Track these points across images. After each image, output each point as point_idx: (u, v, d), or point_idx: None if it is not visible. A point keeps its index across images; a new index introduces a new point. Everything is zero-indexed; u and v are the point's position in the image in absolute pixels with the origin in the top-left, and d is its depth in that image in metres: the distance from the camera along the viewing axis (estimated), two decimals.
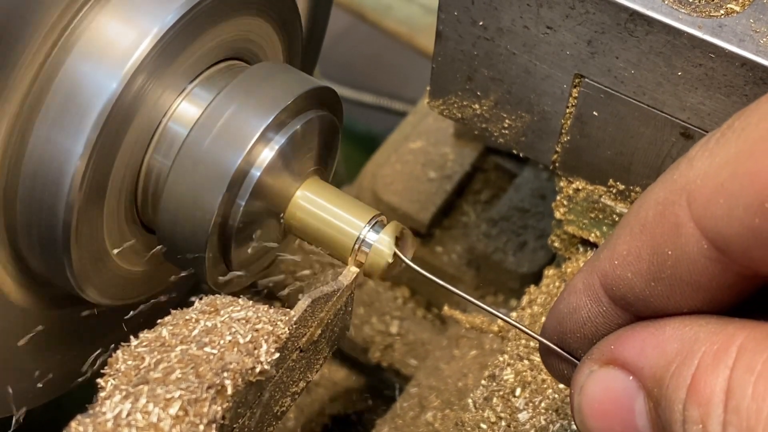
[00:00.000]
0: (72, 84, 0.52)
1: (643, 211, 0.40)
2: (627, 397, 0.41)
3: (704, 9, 0.52)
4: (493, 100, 0.61)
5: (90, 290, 0.58)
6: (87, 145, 0.51)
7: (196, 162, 0.54)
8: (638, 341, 0.40)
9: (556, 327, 0.45)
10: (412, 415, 0.72)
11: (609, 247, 0.41)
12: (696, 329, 0.38)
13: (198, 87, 0.57)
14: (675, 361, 0.38)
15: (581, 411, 0.43)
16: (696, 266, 0.38)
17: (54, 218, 0.53)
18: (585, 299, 0.43)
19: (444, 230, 0.86)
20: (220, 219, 0.55)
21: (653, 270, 0.39)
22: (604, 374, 0.42)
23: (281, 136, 0.55)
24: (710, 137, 0.38)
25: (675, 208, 0.38)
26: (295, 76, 0.59)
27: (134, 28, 0.53)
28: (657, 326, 0.40)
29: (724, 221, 0.36)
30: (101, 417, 0.43)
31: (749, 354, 0.36)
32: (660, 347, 0.39)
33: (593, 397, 0.42)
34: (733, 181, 0.36)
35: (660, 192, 0.39)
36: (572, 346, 0.45)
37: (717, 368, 0.36)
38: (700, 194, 0.37)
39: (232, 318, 0.48)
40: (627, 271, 0.40)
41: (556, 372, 0.47)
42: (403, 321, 0.85)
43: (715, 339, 0.37)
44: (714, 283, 0.38)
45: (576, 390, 0.43)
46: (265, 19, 0.61)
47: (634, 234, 0.40)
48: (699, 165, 0.38)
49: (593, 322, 0.43)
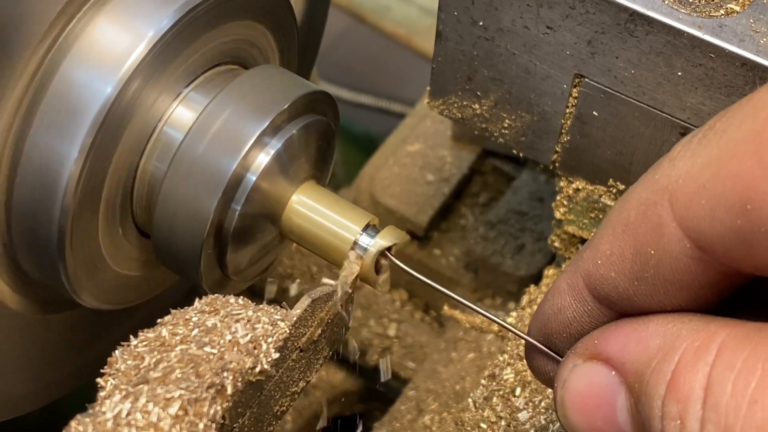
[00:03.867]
0: (67, 88, 0.52)
1: (625, 211, 0.40)
2: (609, 392, 0.41)
3: (704, 9, 0.52)
4: (493, 100, 0.61)
5: (85, 295, 0.58)
6: (82, 150, 0.51)
7: (191, 167, 0.54)
8: (621, 337, 0.40)
9: (541, 328, 0.46)
10: (410, 418, 0.72)
11: (592, 247, 0.41)
12: (678, 326, 0.38)
13: (193, 91, 0.56)
14: (656, 357, 0.38)
15: (564, 405, 0.43)
16: (679, 265, 0.38)
17: (49, 223, 0.53)
18: (569, 299, 0.43)
19: (442, 233, 0.87)
20: (216, 224, 0.55)
21: (636, 269, 0.39)
22: (588, 369, 0.42)
23: (277, 141, 0.55)
24: (692, 137, 0.38)
25: (657, 208, 0.38)
26: (291, 80, 0.59)
27: (130, 32, 0.52)
28: (640, 322, 0.40)
29: (707, 222, 0.36)
30: (101, 416, 0.43)
31: (730, 351, 0.36)
32: (642, 343, 0.39)
33: (576, 391, 0.42)
34: (716, 183, 0.36)
35: (642, 192, 0.39)
36: (558, 347, 0.45)
37: (697, 365, 0.36)
38: (682, 194, 0.37)
39: (232, 318, 0.48)
40: (610, 271, 0.40)
41: (542, 374, 0.47)
42: (401, 324, 0.85)
43: (697, 336, 0.37)
44: (696, 281, 0.38)
45: (559, 384, 0.43)
46: (261, 23, 0.61)
47: (617, 234, 0.40)
48: (681, 165, 0.38)
49: (578, 321, 0.43)
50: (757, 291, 0.40)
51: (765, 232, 0.34)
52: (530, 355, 0.47)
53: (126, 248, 0.59)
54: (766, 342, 0.35)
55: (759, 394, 0.34)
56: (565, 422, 0.43)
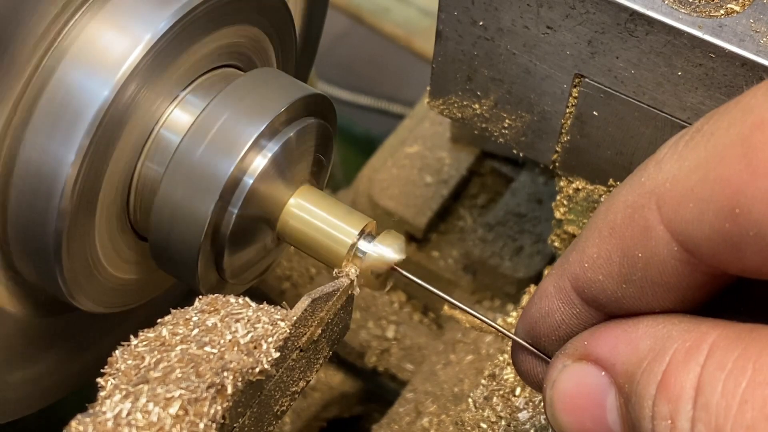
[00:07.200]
0: (64, 91, 0.52)
1: (611, 214, 0.40)
2: (599, 393, 0.41)
3: (704, 9, 0.52)
4: (493, 100, 0.61)
5: (82, 298, 0.57)
6: (79, 153, 0.51)
7: (188, 170, 0.54)
8: (611, 338, 0.41)
9: (529, 331, 0.46)
10: (408, 420, 0.72)
11: (578, 250, 0.42)
12: (669, 327, 0.39)
13: (191, 94, 0.56)
14: (647, 358, 0.38)
15: (553, 405, 0.43)
16: (666, 268, 0.38)
17: (45, 226, 0.53)
18: (557, 302, 0.43)
19: (440, 235, 0.87)
20: (213, 227, 0.54)
21: (624, 272, 0.40)
22: (577, 369, 0.42)
23: (274, 144, 0.55)
24: (678, 139, 0.38)
25: (644, 211, 0.38)
26: (289, 83, 0.59)
27: (127, 35, 0.52)
28: (630, 324, 0.40)
29: (694, 225, 0.36)
30: (101, 416, 0.43)
31: (721, 352, 0.36)
32: (633, 344, 0.39)
33: (565, 391, 0.42)
34: (704, 186, 0.36)
35: (628, 195, 0.39)
36: (546, 350, 0.45)
37: (688, 365, 0.36)
38: (669, 198, 0.37)
39: (233, 317, 0.48)
40: (598, 274, 0.41)
41: (530, 377, 0.47)
42: (400, 325, 0.85)
43: (688, 337, 0.37)
44: (684, 283, 0.38)
45: (548, 384, 0.43)
46: (259, 25, 0.61)
47: (603, 237, 0.40)
48: (668, 168, 0.38)
49: (567, 324, 0.43)
50: (742, 290, 0.41)
51: (753, 235, 0.34)
52: (518, 357, 0.47)
53: (123, 251, 0.59)
54: (756, 342, 0.35)
55: (749, 394, 0.34)
56: (555, 423, 0.43)
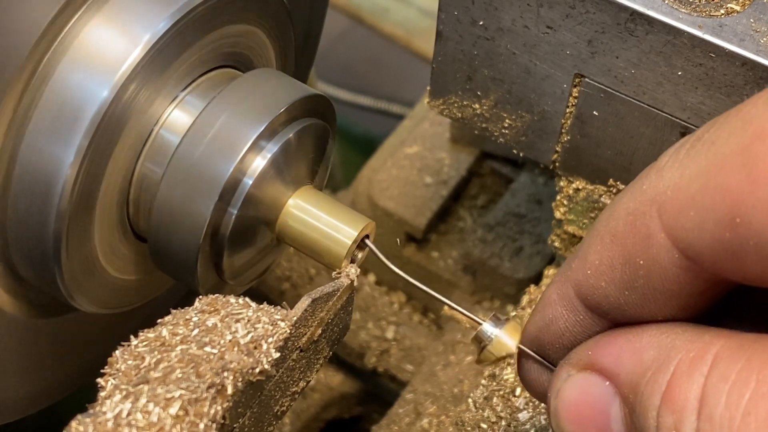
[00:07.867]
0: (63, 92, 0.51)
1: (613, 221, 0.40)
2: (603, 403, 0.41)
3: (704, 9, 0.52)
4: (493, 100, 0.61)
5: (81, 299, 0.57)
6: (78, 153, 0.51)
7: (187, 170, 0.54)
8: (615, 347, 0.41)
9: (533, 340, 0.46)
10: (408, 421, 0.72)
11: (580, 257, 0.42)
12: (673, 337, 0.39)
13: (190, 95, 0.56)
14: (651, 368, 0.38)
15: (557, 415, 0.43)
16: (668, 275, 0.38)
17: (44, 227, 0.53)
18: (561, 309, 0.43)
19: (440, 235, 0.87)
20: (212, 228, 0.54)
21: (626, 279, 0.40)
22: (581, 379, 0.42)
23: (274, 145, 0.55)
24: (679, 147, 0.38)
25: (646, 218, 0.38)
26: (288, 83, 0.59)
27: (126, 35, 0.52)
28: (634, 333, 0.40)
29: (695, 233, 0.36)
30: (101, 416, 0.43)
31: (724, 363, 0.36)
32: (637, 354, 0.40)
33: (570, 401, 0.42)
34: (704, 195, 0.36)
35: (629, 202, 0.39)
36: (551, 358, 0.45)
37: (692, 376, 0.36)
38: (670, 206, 0.37)
39: (233, 317, 0.48)
40: (600, 281, 0.41)
41: (534, 387, 0.47)
42: (399, 326, 0.85)
43: (692, 347, 0.37)
44: (686, 290, 0.39)
45: (553, 394, 0.43)
46: (258, 26, 0.61)
47: (605, 244, 0.40)
48: (669, 176, 0.38)
49: (571, 331, 0.43)
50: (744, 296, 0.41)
51: (753, 244, 0.35)
52: (523, 366, 0.47)
53: (122, 252, 0.59)
54: (760, 353, 0.35)
55: (752, 406, 0.34)
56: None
